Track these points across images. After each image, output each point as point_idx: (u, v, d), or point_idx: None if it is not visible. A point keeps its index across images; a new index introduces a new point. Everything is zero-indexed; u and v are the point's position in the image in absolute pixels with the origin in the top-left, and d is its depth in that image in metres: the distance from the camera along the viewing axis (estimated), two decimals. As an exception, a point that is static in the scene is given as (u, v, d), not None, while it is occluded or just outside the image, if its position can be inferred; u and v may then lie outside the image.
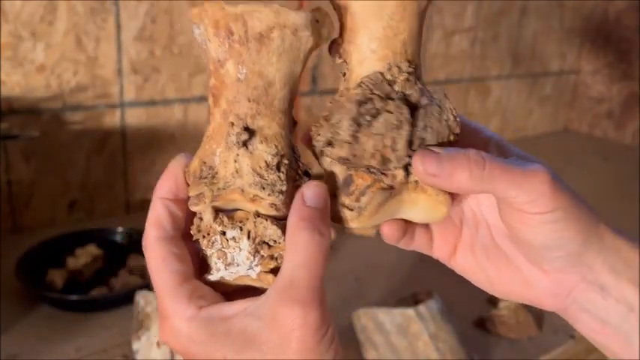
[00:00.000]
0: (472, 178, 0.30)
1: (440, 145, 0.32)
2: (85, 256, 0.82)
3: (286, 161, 0.31)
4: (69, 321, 0.72)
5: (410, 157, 0.31)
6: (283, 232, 0.31)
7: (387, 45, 0.31)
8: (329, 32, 0.32)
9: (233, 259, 0.31)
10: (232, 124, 0.31)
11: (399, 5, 0.31)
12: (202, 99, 1.07)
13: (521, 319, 0.76)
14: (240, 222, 0.31)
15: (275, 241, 0.31)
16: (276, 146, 0.31)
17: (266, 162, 0.31)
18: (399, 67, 0.32)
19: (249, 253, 0.31)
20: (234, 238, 0.31)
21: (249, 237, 0.31)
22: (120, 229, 0.90)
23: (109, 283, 0.80)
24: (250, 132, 0.31)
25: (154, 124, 1.03)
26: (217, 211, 0.31)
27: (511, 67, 1.62)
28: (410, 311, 0.72)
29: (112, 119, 0.98)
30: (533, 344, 0.74)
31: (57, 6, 0.88)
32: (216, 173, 0.31)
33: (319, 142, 0.32)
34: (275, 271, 0.31)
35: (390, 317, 0.72)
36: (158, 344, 0.65)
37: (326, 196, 0.31)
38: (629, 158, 1.60)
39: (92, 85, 0.95)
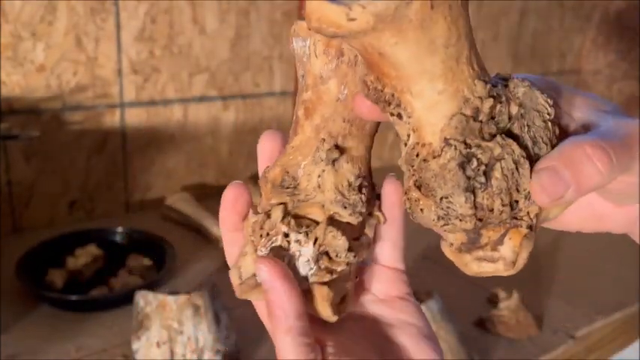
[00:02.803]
0: (604, 177, 0.26)
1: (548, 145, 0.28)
2: (84, 256, 0.82)
3: (366, 184, 0.31)
4: (69, 321, 0.72)
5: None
6: (350, 247, 0.30)
7: (453, 77, 0.26)
8: None
9: (289, 263, 0.30)
10: (324, 140, 0.31)
11: (451, 23, 0.26)
12: (202, 99, 1.07)
13: (521, 319, 0.75)
14: (307, 227, 0.31)
15: (337, 255, 0.30)
16: (360, 168, 0.31)
17: (349, 182, 0.31)
18: (478, 97, 0.27)
19: (310, 260, 0.30)
20: (298, 242, 0.30)
21: (315, 243, 0.30)
22: (120, 229, 0.90)
23: (108, 283, 0.80)
24: (340, 150, 0.31)
25: (153, 124, 1.03)
26: (286, 211, 0.31)
27: (511, 67, 1.61)
28: (410, 311, 0.72)
29: (112, 119, 0.98)
30: (532, 344, 0.74)
31: (57, 6, 0.88)
32: (298, 184, 0.31)
33: (425, 218, 0.28)
34: (329, 285, 0.30)
35: (389, 317, 0.71)
36: (158, 344, 0.65)
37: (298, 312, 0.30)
38: (629, 158, 1.60)
39: (92, 85, 0.95)
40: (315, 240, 0.30)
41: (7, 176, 0.91)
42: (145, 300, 0.67)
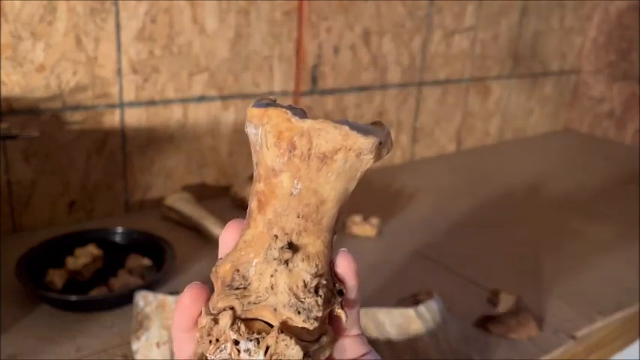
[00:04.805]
0: None
1: None
2: (84, 256, 0.82)
3: (324, 281, 0.30)
4: (69, 321, 0.72)
5: None
6: (305, 355, 0.28)
7: None
8: (388, 151, 0.30)
9: None
10: (276, 237, 0.29)
11: None
12: (202, 99, 1.07)
13: (521, 320, 0.75)
14: (259, 333, 0.28)
15: None
16: (317, 265, 0.29)
17: (304, 282, 0.29)
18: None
19: None
20: (248, 351, 0.28)
21: (266, 353, 0.28)
22: (119, 229, 0.90)
23: (108, 284, 0.80)
24: (294, 249, 0.29)
25: (153, 124, 1.03)
26: (235, 317, 0.29)
27: (511, 67, 1.61)
28: (410, 311, 0.72)
29: (112, 119, 0.98)
30: (533, 344, 0.74)
31: (57, 6, 0.88)
32: (249, 284, 0.29)
33: None
34: None
35: (390, 317, 0.71)
36: (158, 344, 0.65)
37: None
38: (629, 158, 1.60)
39: (92, 85, 0.95)
40: (267, 349, 0.28)
41: (6, 176, 0.91)
42: (145, 300, 0.67)
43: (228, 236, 0.31)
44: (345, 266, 0.31)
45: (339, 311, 0.30)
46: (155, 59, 0.99)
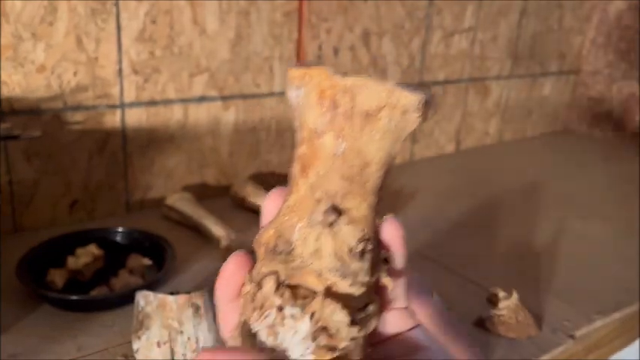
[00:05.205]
0: None
1: None
2: (85, 256, 0.82)
3: (370, 246, 0.28)
4: (69, 320, 0.72)
5: None
6: (352, 321, 0.27)
7: None
8: (434, 113, 0.29)
9: (284, 340, 0.27)
10: (320, 200, 0.28)
11: None
12: (202, 99, 1.07)
13: (520, 319, 0.76)
14: (304, 299, 0.27)
15: (339, 330, 0.27)
16: (363, 229, 0.28)
17: (349, 247, 0.28)
18: None
19: (307, 337, 0.26)
20: (293, 317, 0.27)
21: (311, 318, 0.27)
22: (120, 229, 0.90)
23: (109, 283, 0.80)
24: (338, 212, 0.28)
25: (154, 125, 1.03)
26: (279, 282, 0.28)
27: (511, 68, 1.62)
28: (410, 311, 0.72)
29: (113, 119, 0.98)
30: (532, 344, 0.74)
31: (57, 7, 0.88)
32: (293, 250, 0.28)
33: None
34: None
35: (389, 317, 0.72)
36: (158, 344, 0.65)
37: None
38: (629, 158, 1.60)
39: (93, 86, 0.95)
40: (312, 315, 0.27)
41: (8, 176, 0.91)
42: (146, 300, 0.67)
43: (270, 204, 0.30)
44: (391, 233, 0.30)
45: (384, 279, 0.29)
46: (156, 60, 1.00)
